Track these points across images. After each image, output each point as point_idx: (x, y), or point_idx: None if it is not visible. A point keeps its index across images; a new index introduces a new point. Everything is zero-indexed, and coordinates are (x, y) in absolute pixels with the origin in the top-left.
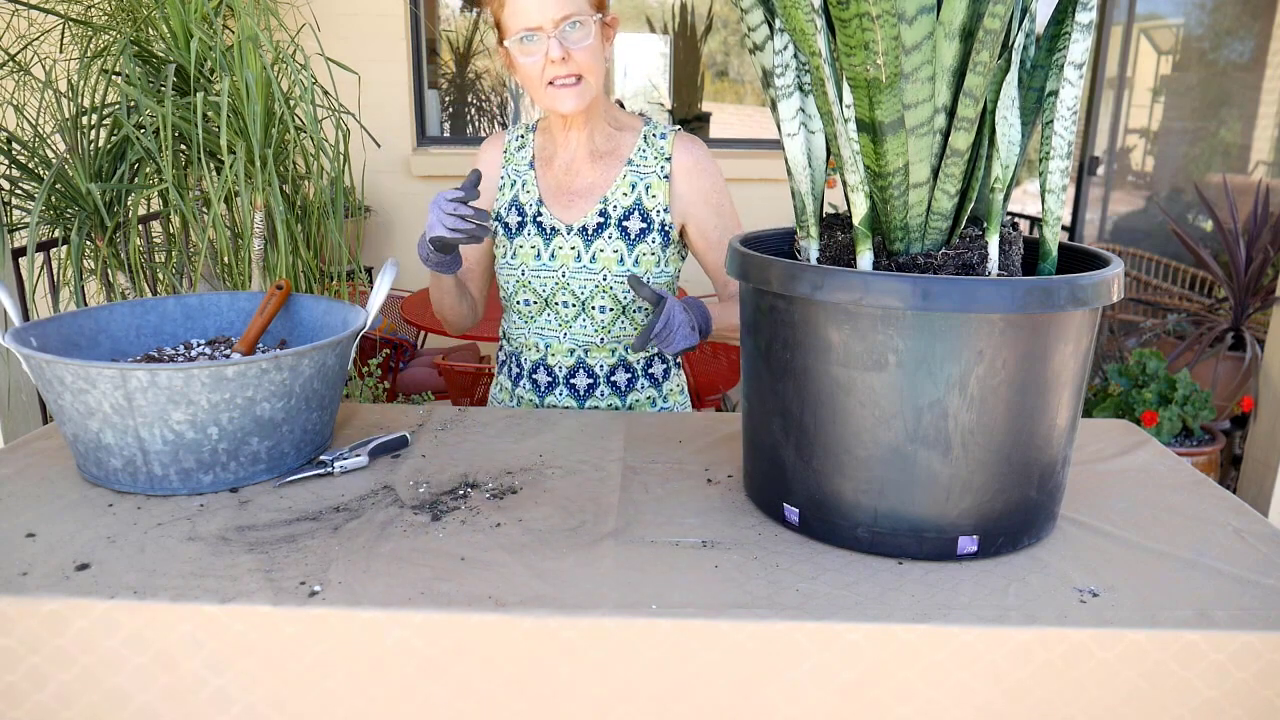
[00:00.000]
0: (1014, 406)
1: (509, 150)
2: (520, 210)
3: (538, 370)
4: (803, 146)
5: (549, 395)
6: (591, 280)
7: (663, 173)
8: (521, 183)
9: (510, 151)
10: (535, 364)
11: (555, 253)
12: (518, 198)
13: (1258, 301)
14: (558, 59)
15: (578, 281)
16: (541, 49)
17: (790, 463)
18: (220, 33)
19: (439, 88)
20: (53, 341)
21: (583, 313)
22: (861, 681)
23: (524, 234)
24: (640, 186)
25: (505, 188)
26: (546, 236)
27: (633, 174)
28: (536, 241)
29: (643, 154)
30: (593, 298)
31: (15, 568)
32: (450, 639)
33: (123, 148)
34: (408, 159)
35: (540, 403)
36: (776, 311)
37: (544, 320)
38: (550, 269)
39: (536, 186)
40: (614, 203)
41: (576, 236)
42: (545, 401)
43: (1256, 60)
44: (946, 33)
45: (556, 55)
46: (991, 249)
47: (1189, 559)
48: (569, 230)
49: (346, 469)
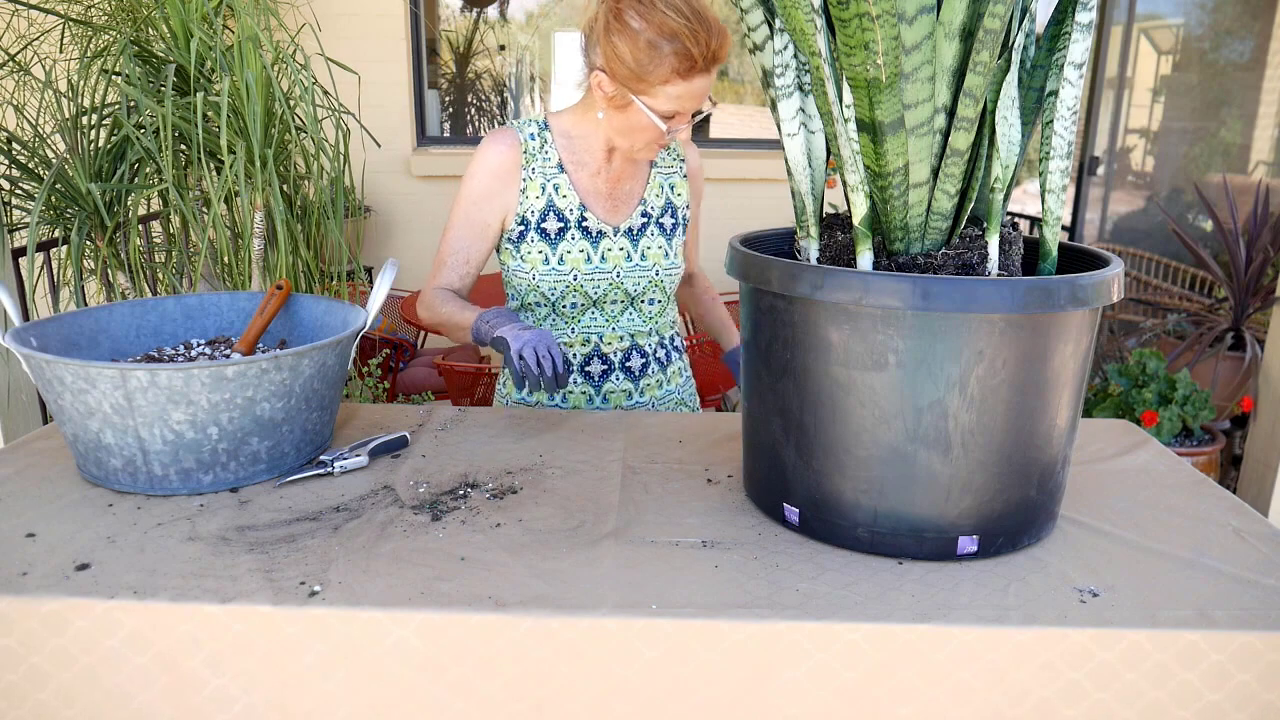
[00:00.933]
0: (1014, 406)
1: (528, 150)
2: (560, 216)
3: (590, 362)
4: (803, 146)
5: (605, 382)
6: (645, 277)
7: (681, 172)
8: (554, 186)
9: (530, 151)
10: (588, 355)
11: (605, 255)
12: (553, 202)
13: (1258, 301)
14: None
15: (631, 280)
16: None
17: (790, 463)
18: (220, 33)
19: (439, 88)
20: (53, 341)
21: (631, 307)
22: (861, 681)
23: (568, 239)
24: (667, 186)
25: (531, 190)
26: (593, 240)
27: (659, 176)
28: (584, 245)
29: (662, 157)
30: (644, 293)
31: (15, 568)
32: (450, 639)
33: (123, 148)
34: (408, 159)
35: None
36: (776, 311)
37: (588, 319)
38: (604, 270)
39: (574, 192)
40: (651, 203)
41: (623, 237)
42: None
43: (1256, 60)
44: (946, 33)
45: (685, 136)
46: (991, 249)
47: (1189, 559)
48: (615, 231)
49: (346, 469)
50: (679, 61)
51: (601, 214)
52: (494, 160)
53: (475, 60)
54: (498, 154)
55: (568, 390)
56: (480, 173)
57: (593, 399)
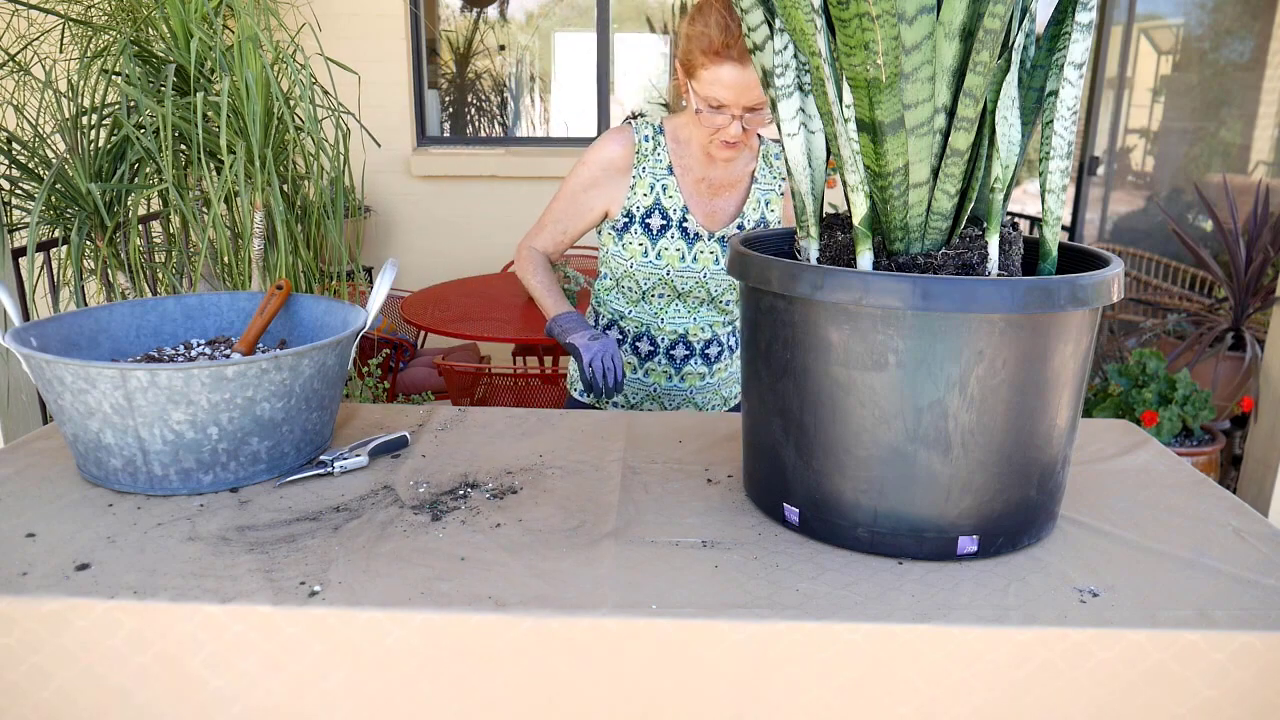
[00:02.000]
0: (1014, 406)
1: (641, 150)
2: (664, 215)
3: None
4: (803, 146)
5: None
6: (727, 281)
7: (779, 190)
8: (662, 186)
9: (644, 152)
10: (674, 340)
11: (697, 256)
12: (659, 201)
13: (1258, 301)
14: (734, 139)
15: (715, 281)
16: (724, 121)
17: (790, 463)
18: (220, 33)
19: (439, 88)
20: (53, 341)
21: (709, 304)
22: (861, 681)
23: (668, 236)
24: (763, 202)
25: (640, 188)
26: (690, 241)
27: (759, 191)
28: (681, 245)
29: (764, 173)
30: (724, 294)
31: (15, 568)
32: (450, 639)
33: (123, 148)
34: (408, 159)
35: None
36: (776, 311)
37: (672, 310)
38: (693, 270)
39: (680, 194)
40: (748, 216)
41: (716, 243)
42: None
43: (1256, 60)
44: (946, 33)
45: (735, 137)
46: (991, 249)
47: (1189, 559)
48: (710, 237)
49: (346, 469)
50: (705, 43)
51: (701, 218)
52: (607, 155)
53: (475, 60)
54: (612, 150)
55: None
56: (593, 163)
57: (671, 377)
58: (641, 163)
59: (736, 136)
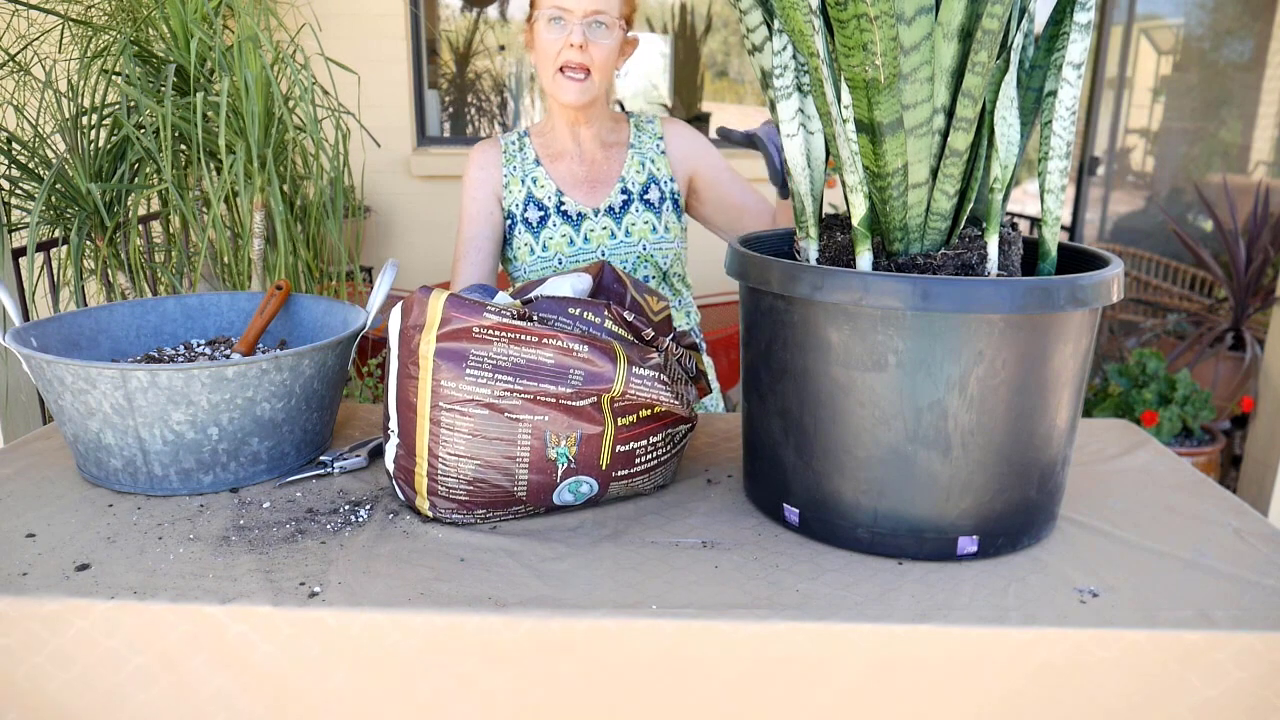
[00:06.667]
0: (1014, 407)
1: (508, 152)
2: (540, 205)
3: None
4: (802, 147)
5: None
6: (632, 252)
7: (659, 149)
8: (532, 179)
9: (510, 153)
10: None
11: (588, 235)
12: (532, 194)
13: (1258, 301)
14: (576, 45)
15: (617, 257)
16: (565, 33)
17: (790, 463)
18: (220, 33)
19: (439, 88)
20: (53, 341)
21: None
22: (861, 682)
23: (549, 226)
24: (646, 163)
25: (513, 186)
26: (574, 223)
27: (637, 155)
28: (566, 230)
29: (639, 138)
30: (635, 269)
31: (15, 568)
32: (450, 640)
33: (123, 148)
34: (408, 159)
35: None
36: (776, 312)
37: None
38: (587, 251)
39: (551, 180)
40: (630, 180)
41: (605, 217)
42: None
43: (1256, 60)
44: (945, 33)
45: (577, 41)
46: (991, 249)
47: (1189, 559)
48: (596, 213)
49: (346, 469)
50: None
51: (580, 197)
52: (478, 158)
53: (475, 60)
54: (480, 153)
55: None
56: (469, 171)
57: None
58: (510, 163)
59: (580, 43)
